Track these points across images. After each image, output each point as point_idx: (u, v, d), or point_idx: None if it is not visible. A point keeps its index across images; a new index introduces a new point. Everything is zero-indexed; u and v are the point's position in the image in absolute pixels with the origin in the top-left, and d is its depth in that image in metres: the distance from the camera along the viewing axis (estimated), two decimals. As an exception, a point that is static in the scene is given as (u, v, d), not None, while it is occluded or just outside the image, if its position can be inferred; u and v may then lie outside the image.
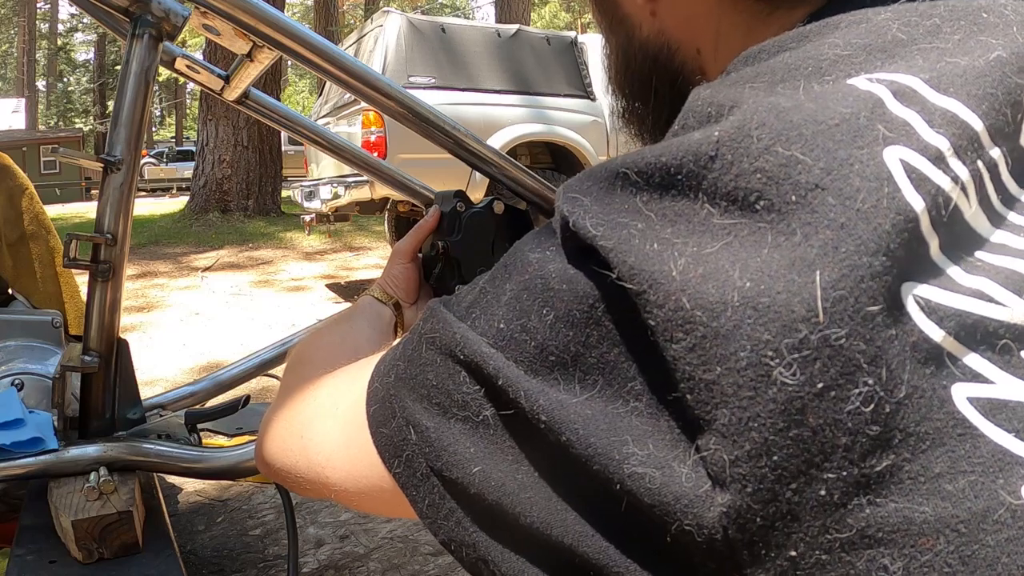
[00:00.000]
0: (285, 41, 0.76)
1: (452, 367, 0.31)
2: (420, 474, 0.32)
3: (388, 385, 0.34)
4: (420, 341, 0.33)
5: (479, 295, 0.32)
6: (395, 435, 0.33)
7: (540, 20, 27.84)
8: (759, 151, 0.25)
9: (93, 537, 0.66)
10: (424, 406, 0.31)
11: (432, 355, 0.32)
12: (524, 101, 5.20)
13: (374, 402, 0.35)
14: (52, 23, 33.96)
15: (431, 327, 0.33)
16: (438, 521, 0.31)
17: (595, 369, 0.27)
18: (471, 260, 0.83)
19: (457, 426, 0.30)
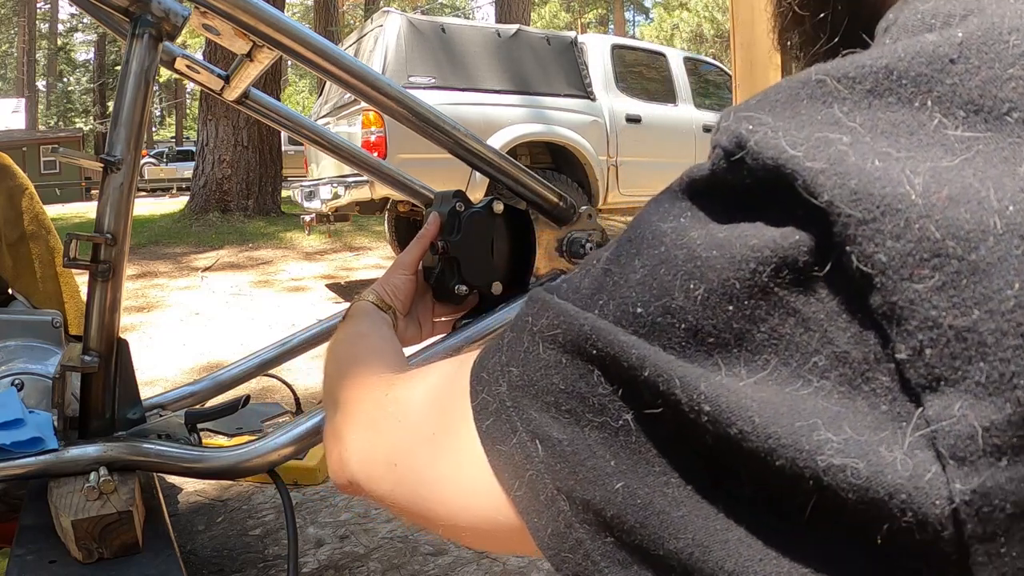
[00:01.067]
0: (285, 41, 0.76)
1: (583, 366, 0.26)
2: (544, 497, 0.27)
3: (501, 396, 0.30)
4: (535, 339, 0.29)
5: (601, 277, 0.27)
6: (516, 453, 0.28)
7: (540, 20, 27.84)
8: (1015, 57, 0.21)
9: (93, 537, 0.66)
10: (552, 415, 0.27)
11: (555, 354, 0.27)
12: (524, 101, 5.20)
13: (485, 417, 0.30)
14: (52, 23, 33.96)
15: (549, 321, 0.28)
16: (562, 554, 0.27)
17: (765, 347, 0.22)
18: (471, 260, 0.83)
19: (593, 435, 0.26)
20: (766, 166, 0.22)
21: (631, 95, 5.84)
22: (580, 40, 5.77)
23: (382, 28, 4.96)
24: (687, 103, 6.18)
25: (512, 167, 0.88)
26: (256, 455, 0.75)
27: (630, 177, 5.66)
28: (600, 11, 33.01)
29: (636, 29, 35.36)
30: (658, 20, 30.36)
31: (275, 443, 0.75)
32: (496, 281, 0.85)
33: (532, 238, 0.88)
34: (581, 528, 0.26)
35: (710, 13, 26.05)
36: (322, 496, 1.02)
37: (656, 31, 28.68)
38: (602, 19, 33.43)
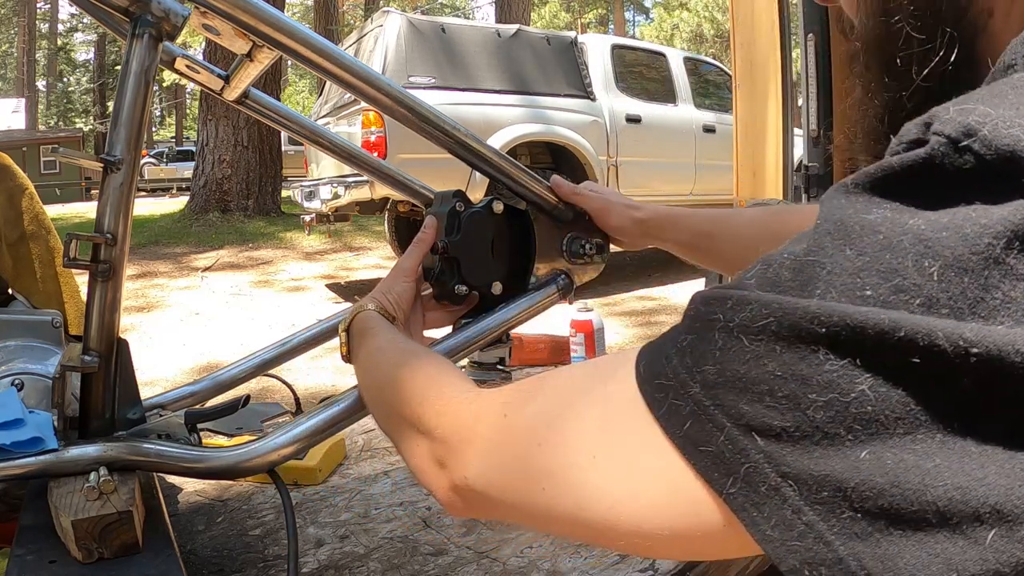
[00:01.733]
0: (285, 41, 0.76)
1: (803, 348, 0.27)
2: (766, 488, 0.27)
3: (696, 398, 0.29)
4: (734, 334, 0.29)
5: (808, 269, 0.28)
6: (725, 450, 0.28)
7: (540, 20, 27.84)
8: None
9: (93, 537, 0.66)
10: (767, 404, 0.27)
11: (765, 344, 0.28)
12: (524, 101, 5.21)
13: (679, 422, 0.30)
14: (52, 23, 33.96)
15: (753, 313, 0.28)
16: (790, 543, 0.26)
17: (999, 311, 0.24)
18: (471, 260, 0.83)
19: (820, 414, 0.26)
20: (999, 151, 0.24)
21: (631, 95, 5.84)
22: (580, 40, 5.77)
23: (382, 28, 4.97)
24: (687, 103, 6.18)
25: (512, 167, 0.88)
26: (256, 455, 0.75)
27: (630, 177, 5.66)
28: (600, 11, 33.01)
29: (636, 29, 35.35)
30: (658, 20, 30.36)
31: (275, 443, 0.75)
32: (496, 281, 0.85)
33: (532, 238, 0.88)
34: (812, 511, 0.26)
35: (710, 13, 26.04)
36: (322, 496, 1.02)
37: (656, 31, 28.67)
38: (602, 19, 33.43)
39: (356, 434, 1.28)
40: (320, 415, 0.76)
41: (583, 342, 1.35)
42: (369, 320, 0.71)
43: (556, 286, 0.90)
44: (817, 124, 3.98)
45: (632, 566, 0.80)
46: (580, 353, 1.35)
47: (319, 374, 3.26)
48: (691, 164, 6.04)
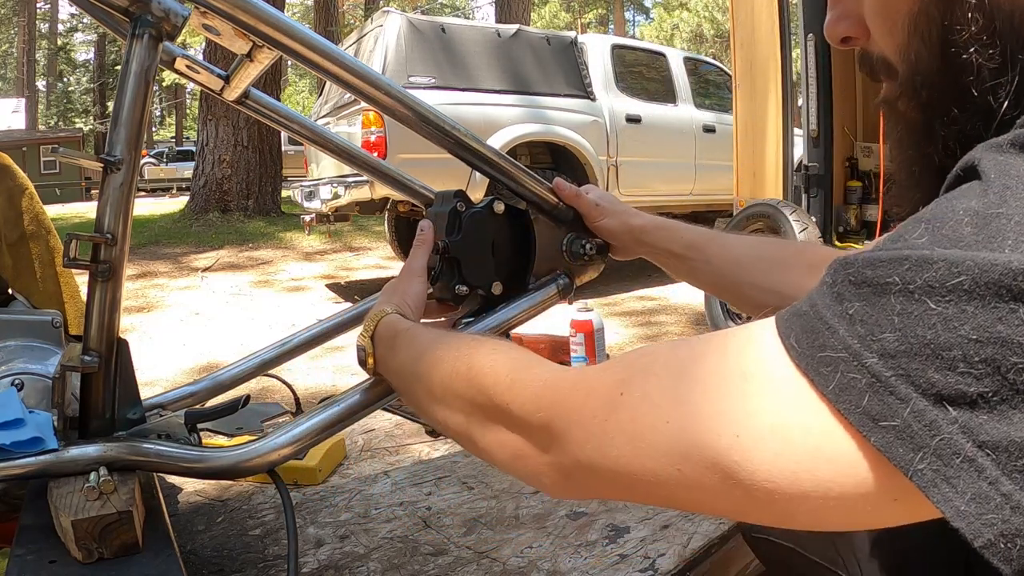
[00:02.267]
0: (285, 41, 0.76)
1: (1002, 307, 0.25)
2: (960, 460, 0.26)
3: (873, 370, 0.28)
4: (915, 297, 0.27)
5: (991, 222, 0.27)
6: (913, 424, 0.27)
7: (540, 20, 27.84)
8: None
9: (93, 537, 0.66)
10: (961, 371, 0.26)
11: (955, 305, 0.26)
12: (524, 101, 5.21)
13: (855, 397, 0.28)
14: (52, 23, 33.95)
15: (941, 273, 0.26)
16: (985, 515, 0.25)
17: None
18: (471, 260, 0.83)
19: (1022, 377, 0.24)
20: None
21: (631, 95, 5.84)
22: (580, 40, 5.77)
23: (382, 28, 4.97)
24: (687, 103, 6.18)
25: (512, 167, 0.88)
26: (256, 455, 0.75)
27: (630, 177, 5.66)
28: (600, 11, 33.01)
29: (636, 29, 35.35)
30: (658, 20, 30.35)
31: (275, 443, 0.75)
32: (496, 281, 0.85)
33: (532, 238, 0.88)
34: (1010, 480, 0.25)
35: (710, 13, 26.03)
36: (322, 496, 1.02)
37: (656, 31, 28.67)
38: (602, 19, 33.42)
39: (356, 434, 1.28)
40: (320, 415, 0.76)
41: (583, 342, 1.35)
42: (397, 323, 0.68)
43: (556, 286, 0.90)
44: (817, 124, 3.98)
45: (632, 566, 0.80)
46: (580, 353, 1.35)
47: (319, 374, 3.26)
48: (691, 164, 6.04)
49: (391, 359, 0.66)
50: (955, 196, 0.29)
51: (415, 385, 0.61)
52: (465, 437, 0.53)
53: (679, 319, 4.18)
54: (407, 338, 0.65)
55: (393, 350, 0.66)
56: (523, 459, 0.46)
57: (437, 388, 0.56)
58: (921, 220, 0.30)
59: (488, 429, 0.50)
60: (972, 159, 0.30)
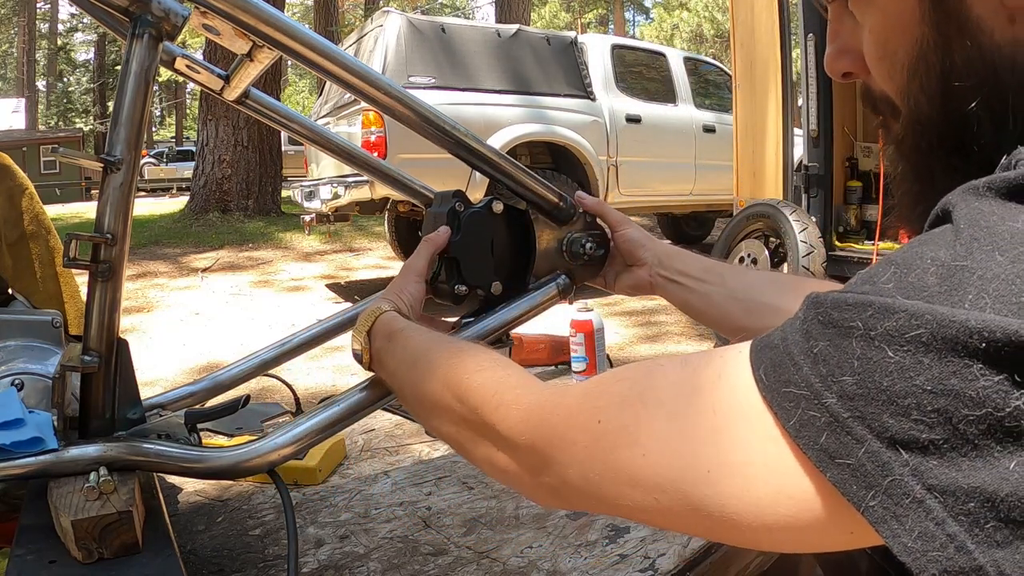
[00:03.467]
0: (285, 41, 0.76)
1: (957, 361, 0.26)
2: (909, 501, 0.27)
3: (831, 409, 0.29)
4: (875, 343, 0.28)
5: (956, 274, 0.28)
6: (866, 464, 0.28)
7: (540, 20, 27.84)
8: None
9: (93, 537, 0.66)
10: (914, 418, 0.27)
11: (912, 355, 0.27)
12: (524, 101, 5.21)
13: (814, 434, 0.29)
14: (52, 23, 33.95)
15: (900, 323, 0.27)
16: (930, 553, 0.27)
17: None
18: (470, 260, 0.83)
19: (972, 427, 0.26)
20: None
21: (631, 95, 5.84)
22: (580, 40, 5.77)
23: (382, 28, 4.97)
24: (687, 103, 6.18)
25: (512, 167, 0.88)
26: (256, 455, 0.75)
27: (630, 177, 5.66)
28: (600, 11, 33.00)
29: (636, 29, 35.36)
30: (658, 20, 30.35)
31: (275, 443, 0.75)
32: (496, 281, 0.85)
33: (532, 238, 0.88)
34: (955, 522, 0.26)
35: (710, 13, 26.04)
36: (322, 496, 1.02)
37: (656, 31, 28.67)
38: (602, 19, 33.42)
39: (356, 434, 1.28)
40: (320, 415, 0.76)
41: (583, 342, 1.35)
42: (393, 322, 0.68)
43: (556, 286, 0.90)
44: (817, 124, 3.98)
45: (632, 566, 0.80)
46: (580, 353, 1.35)
47: (319, 374, 3.26)
48: (691, 164, 6.04)
49: (387, 359, 0.67)
50: (926, 241, 0.30)
51: (409, 390, 0.62)
52: (457, 445, 0.55)
53: (679, 319, 4.18)
54: (402, 339, 0.65)
55: (389, 350, 0.67)
56: (510, 475, 0.48)
57: (429, 398, 0.57)
58: (892, 263, 0.31)
59: (478, 444, 0.51)
60: (948, 202, 0.31)
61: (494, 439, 0.49)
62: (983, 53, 0.37)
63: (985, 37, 0.37)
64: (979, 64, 0.37)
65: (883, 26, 0.42)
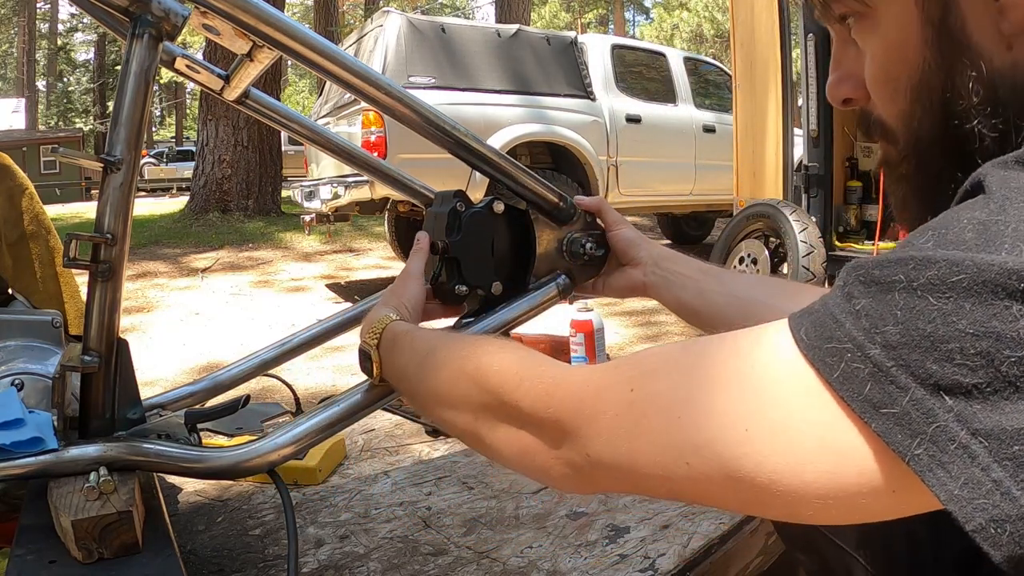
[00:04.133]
0: (285, 41, 0.76)
1: (996, 304, 0.27)
2: (955, 447, 0.27)
3: (875, 360, 0.29)
4: (918, 293, 0.29)
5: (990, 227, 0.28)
6: (911, 411, 0.28)
7: (540, 20, 27.83)
8: None
9: (93, 537, 0.66)
10: (957, 363, 0.27)
11: (954, 301, 0.28)
12: (524, 101, 5.21)
13: (858, 385, 0.30)
14: (52, 23, 33.95)
15: (942, 271, 0.28)
16: (976, 500, 0.27)
17: None
18: (471, 260, 0.83)
19: (1014, 370, 0.26)
20: None
21: (631, 95, 5.84)
22: (580, 40, 5.77)
23: (382, 28, 4.97)
24: (687, 103, 6.18)
25: (512, 167, 0.88)
26: (256, 455, 0.75)
27: (630, 177, 5.66)
28: (600, 11, 33.00)
29: (636, 29, 35.36)
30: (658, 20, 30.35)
31: (275, 443, 0.75)
32: (496, 281, 0.85)
33: (532, 238, 0.88)
34: (1000, 467, 0.27)
35: (710, 13, 26.04)
36: (322, 496, 1.02)
37: (656, 31, 28.67)
38: (602, 19, 33.42)
39: (356, 434, 1.28)
40: (320, 415, 0.76)
41: (583, 342, 1.35)
42: (395, 327, 0.68)
43: (556, 286, 0.90)
44: (817, 124, 3.98)
45: (632, 566, 0.80)
46: (580, 353, 1.35)
47: (319, 374, 3.26)
48: (691, 164, 6.04)
49: (392, 363, 0.66)
50: (962, 208, 0.31)
51: (419, 387, 0.61)
52: (472, 436, 0.54)
53: (679, 319, 4.17)
54: (407, 340, 0.65)
55: (394, 354, 0.66)
56: (532, 455, 0.47)
57: (443, 389, 0.56)
58: (929, 228, 0.31)
59: (496, 427, 0.50)
60: (979, 175, 0.32)
61: (515, 417, 0.48)
62: (983, 76, 0.39)
63: (985, 62, 0.39)
64: (980, 85, 0.39)
65: (885, 51, 0.43)
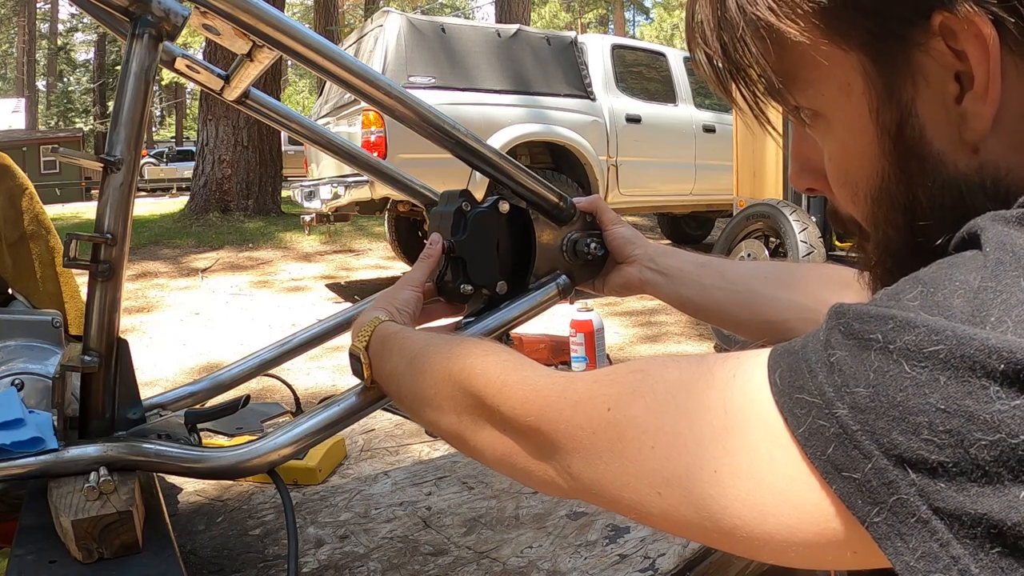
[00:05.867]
0: (285, 41, 0.76)
1: (974, 382, 0.26)
2: (915, 520, 0.27)
3: (841, 420, 0.28)
4: (893, 357, 0.28)
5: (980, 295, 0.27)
6: (872, 479, 0.28)
7: (540, 20, 27.83)
8: None
9: (93, 537, 0.66)
10: (924, 437, 0.26)
11: (929, 372, 0.27)
12: (524, 101, 5.21)
13: (822, 444, 0.29)
14: (52, 23, 33.95)
15: (920, 338, 0.27)
16: (932, 574, 0.26)
17: None
18: (477, 259, 0.83)
19: (984, 453, 0.25)
20: None
21: (631, 95, 5.84)
22: (580, 40, 5.77)
23: (382, 28, 4.97)
24: (687, 103, 6.18)
25: (512, 167, 0.88)
26: (256, 455, 0.75)
27: (630, 177, 5.66)
28: (600, 11, 33.00)
29: (636, 29, 35.36)
30: (658, 20, 30.37)
31: (275, 443, 0.75)
32: (502, 280, 0.85)
33: (532, 238, 0.88)
34: (961, 545, 0.26)
35: (710, 13, 25.95)
36: (322, 496, 1.02)
37: (656, 31, 28.69)
38: (602, 19, 33.42)
39: (356, 434, 1.28)
40: (320, 415, 0.76)
41: (583, 342, 1.35)
42: (385, 328, 0.67)
43: (556, 286, 0.90)
44: (817, 124, 3.98)
45: (632, 566, 0.80)
46: (580, 353, 1.35)
47: (319, 374, 3.26)
48: (691, 164, 6.04)
49: (382, 365, 0.66)
50: (955, 265, 0.30)
51: (406, 387, 0.61)
52: (456, 437, 0.54)
53: (679, 319, 4.18)
54: (396, 341, 0.65)
55: (383, 356, 0.66)
56: (513, 458, 0.47)
57: (428, 390, 0.56)
58: (919, 281, 0.30)
59: (479, 429, 0.50)
60: (976, 226, 0.31)
61: (497, 421, 0.48)
62: (948, 184, 0.37)
63: (948, 169, 0.37)
64: (944, 197, 0.37)
65: (842, 155, 0.42)
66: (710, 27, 0.40)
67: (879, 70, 0.37)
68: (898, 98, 0.37)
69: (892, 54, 0.36)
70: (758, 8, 0.37)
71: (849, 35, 0.36)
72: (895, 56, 0.36)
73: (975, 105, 0.35)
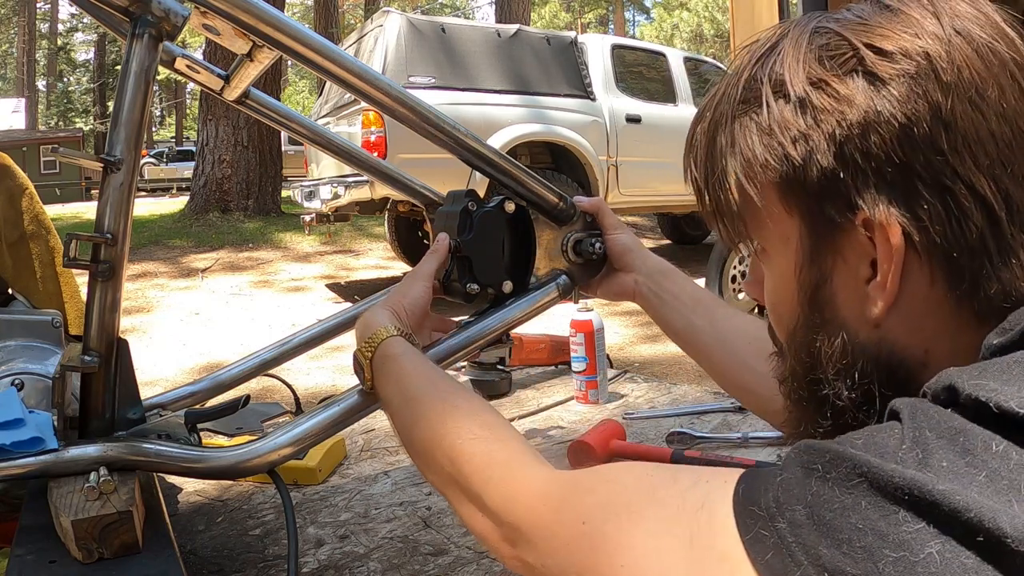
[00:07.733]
0: (285, 41, 0.76)
1: (887, 507, 0.31)
2: None
3: (780, 532, 0.33)
4: (827, 484, 0.33)
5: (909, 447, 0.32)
6: None
7: (540, 20, 27.83)
8: None
9: (93, 537, 0.66)
10: (844, 552, 0.31)
11: (853, 498, 0.32)
12: (524, 101, 5.21)
13: (762, 551, 0.34)
14: (52, 23, 33.95)
15: (848, 471, 0.33)
16: None
17: None
18: (482, 259, 0.83)
19: (889, 568, 0.30)
20: None
21: (631, 95, 5.84)
22: (580, 40, 5.77)
23: (382, 28, 4.97)
24: (687, 103, 6.18)
25: (512, 167, 0.88)
26: (256, 455, 0.75)
27: (630, 177, 5.66)
28: (600, 11, 33.01)
29: (636, 29, 35.37)
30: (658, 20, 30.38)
31: (275, 443, 0.75)
32: (507, 280, 0.85)
33: (532, 237, 0.88)
34: None
35: (710, 13, 26.05)
36: (322, 496, 1.02)
37: (656, 31, 28.69)
38: (602, 19, 33.43)
39: (356, 434, 1.28)
40: (320, 415, 0.76)
41: (583, 342, 1.35)
42: (388, 348, 0.68)
43: (556, 286, 0.90)
44: (817, 124, 3.98)
45: (632, 566, 0.80)
46: (580, 353, 1.35)
47: (319, 374, 3.26)
48: (691, 164, 6.03)
49: (381, 384, 0.68)
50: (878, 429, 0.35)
51: (399, 425, 0.64)
52: (440, 492, 0.58)
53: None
54: (396, 370, 0.66)
55: (382, 376, 0.67)
56: (490, 539, 0.51)
57: (419, 446, 0.59)
58: (871, 428, 0.36)
59: (463, 504, 0.54)
60: (895, 407, 0.36)
61: (480, 507, 0.51)
62: (847, 347, 0.44)
63: (851, 335, 0.44)
64: (842, 357, 0.44)
65: (774, 290, 0.49)
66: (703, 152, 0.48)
67: (810, 238, 0.44)
68: (820, 264, 0.44)
69: (823, 229, 0.43)
70: (734, 166, 0.45)
71: (793, 205, 0.44)
72: (825, 231, 0.43)
73: (876, 292, 0.42)
